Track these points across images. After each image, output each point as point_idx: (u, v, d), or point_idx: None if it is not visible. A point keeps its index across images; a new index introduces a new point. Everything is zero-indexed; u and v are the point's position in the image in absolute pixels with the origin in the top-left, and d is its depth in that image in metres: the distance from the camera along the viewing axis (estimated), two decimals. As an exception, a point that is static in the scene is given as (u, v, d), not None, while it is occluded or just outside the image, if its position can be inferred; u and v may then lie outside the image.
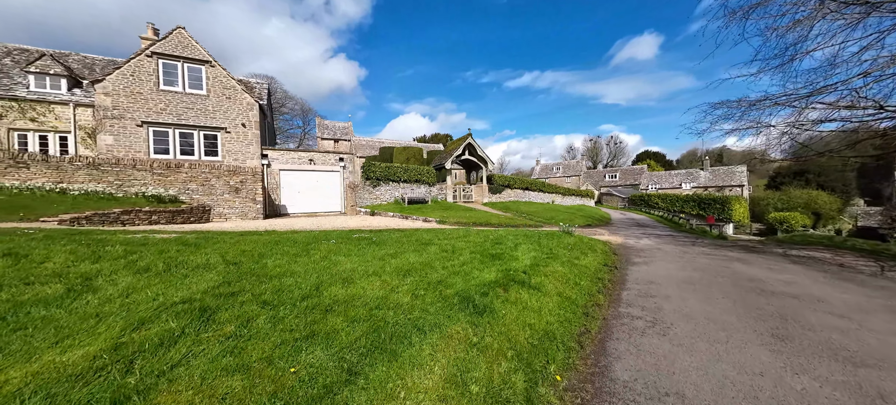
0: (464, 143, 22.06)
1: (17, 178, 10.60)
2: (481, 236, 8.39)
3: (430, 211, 16.60)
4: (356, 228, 11.14)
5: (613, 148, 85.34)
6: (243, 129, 15.71)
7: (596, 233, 13.68)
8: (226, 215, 13.62)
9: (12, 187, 10.29)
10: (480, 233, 9.38)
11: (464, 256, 5.91)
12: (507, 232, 9.92)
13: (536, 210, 22.08)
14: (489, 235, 8.73)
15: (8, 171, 10.53)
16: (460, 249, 6.49)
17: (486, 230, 11.21)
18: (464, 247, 6.76)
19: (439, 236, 8.13)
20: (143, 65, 13.88)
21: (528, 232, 10.50)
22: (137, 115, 13.78)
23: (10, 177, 10.52)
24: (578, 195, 39.29)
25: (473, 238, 7.90)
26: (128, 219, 10.53)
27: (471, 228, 12.13)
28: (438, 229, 11.10)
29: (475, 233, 9.25)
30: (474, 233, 8.95)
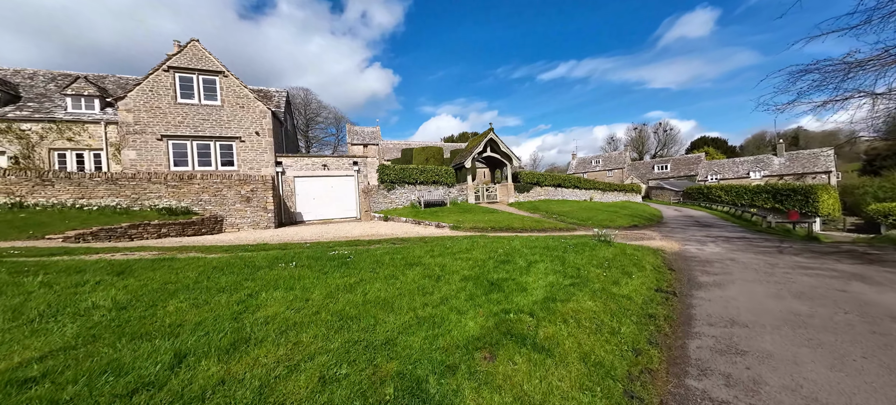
0: (484, 139, 20.32)
1: (43, 196, 11.00)
2: (488, 249, 6.80)
3: (447, 215, 15.19)
4: (356, 238, 10.06)
5: (662, 136, 77.59)
6: (257, 137, 15.52)
7: (644, 238, 11.36)
8: (238, 225, 13.36)
9: (36, 204, 10.67)
10: (491, 243, 7.77)
11: (450, 285, 4.40)
12: (525, 241, 8.18)
13: (570, 209, 19.70)
14: (499, 247, 7.10)
15: (35, 190, 10.96)
16: (451, 273, 4.99)
17: (501, 238, 9.54)
18: (458, 268, 5.24)
19: (436, 250, 6.67)
20: (161, 79, 14.13)
21: (554, 240, 8.66)
22: (157, 129, 14.04)
23: (37, 194, 10.94)
24: (622, 190, 35.51)
25: (477, 253, 6.34)
26: (136, 233, 10.43)
27: (485, 235, 10.50)
28: (446, 237, 9.65)
29: (484, 243, 7.66)
30: (482, 245, 7.36)
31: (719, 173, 47.97)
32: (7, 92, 14.42)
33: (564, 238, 9.25)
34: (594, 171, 65.54)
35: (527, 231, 12.78)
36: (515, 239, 9.11)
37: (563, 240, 8.65)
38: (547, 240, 8.50)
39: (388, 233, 11.36)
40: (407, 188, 17.76)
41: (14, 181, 10.77)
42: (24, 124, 13.98)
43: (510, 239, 8.98)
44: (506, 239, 8.85)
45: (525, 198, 22.71)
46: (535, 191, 23.54)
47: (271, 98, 19.68)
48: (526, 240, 8.49)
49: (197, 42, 14.76)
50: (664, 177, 55.09)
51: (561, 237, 9.93)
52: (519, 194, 22.32)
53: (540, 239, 8.80)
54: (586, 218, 16.85)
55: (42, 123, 14.23)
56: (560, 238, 9.15)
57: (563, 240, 8.61)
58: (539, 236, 10.76)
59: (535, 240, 8.27)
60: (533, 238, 9.32)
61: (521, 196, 22.47)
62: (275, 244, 8.97)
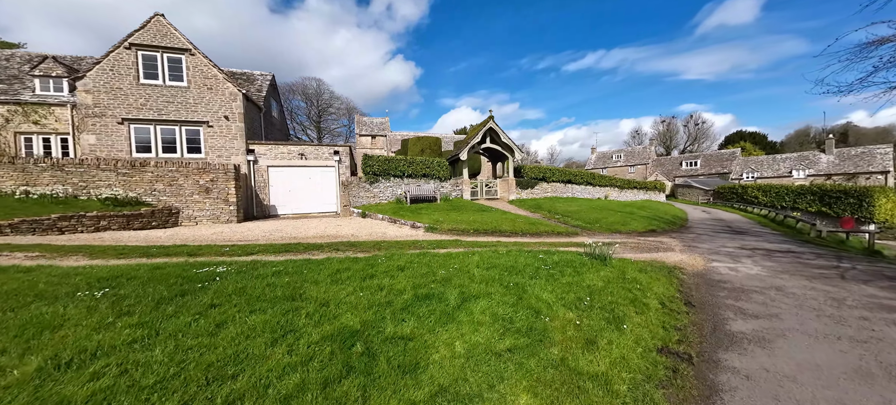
0: (483, 129, 18.24)
1: (-19, 182, 10.11)
2: (428, 269, 5.00)
3: (432, 212, 13.41)
4: (307, 240, 8.44)
5: (693, 130, 72.12)
6: (226, 122, 14.24)
7: (659, 249, 9.21)
8: (196, 218, 12.15)
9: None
10: (444, 260, 5.94)
11: (293, 355, 2.66)
12: (490, 256, 6.29)
13: (578, 209, 17.44)
14: (448, 265, 5.28)
15: (-28, 175, 10.07)
16: (325, 320, 3.24)
17: (472, 247, 7.70)
18: (341, 312, 3.46)
19: (353, 272, 4.93)
20: (122, 58, 13.02)
21: (532, 255, 6.72)
22: (118, 112, 13.00)
23: (-27, 181, 10.05)
24: (643, 188, 32.45)
25: (402, 279, 4.55)
26: (67, 226, 9.32)
27: (459, 240, 8.63)
28: (406, 242, 7.85)
29: (431, 261, 5.84)
30: (425, 263, 5.56)
31: (757, 171, 43.48)
32: (-29, 72, 13.83)
33: (551, 252, 7.28)
34: (614, 167, 61.72)
35: (515, 236, 10.84)
36: (485, 249, 7.24)
37: (547, 255, 6.68)
38: (524, 255, 6.56)
39: (348, 235, 9.74)
40: (392, 182, 16.09)
41: (-51, 165, 9.92)
42: (-14, 106, 13.35)
43: (476, 251, 7.11)
44: (470, 252, 6.98)
45: (529, 194, 20.56)
46: (541, 187, 21.31)
47: (253, 81, 18.43)
48: (494, 253, 6.59)
49: (161, 16, 13.54)
50: (693, 174, 50.81)
51: (549, 250, 7.97)
52: (521, 191, 20.19)
53: (515, 253, 6.87)
54: (595, 220, 14.63)
55: (7, 105, 13.53)
56: (544, 252, 7.18)
57: (545, 255, 6.64)
58: (524, 244, 8.83)
59: (506, 255, 6.35)
60: (509, 249, 7.40)
61: (524, 193, 20.33)
62: (193, 245, 7.52)
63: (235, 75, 18.38)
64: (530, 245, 8.89)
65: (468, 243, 8.75)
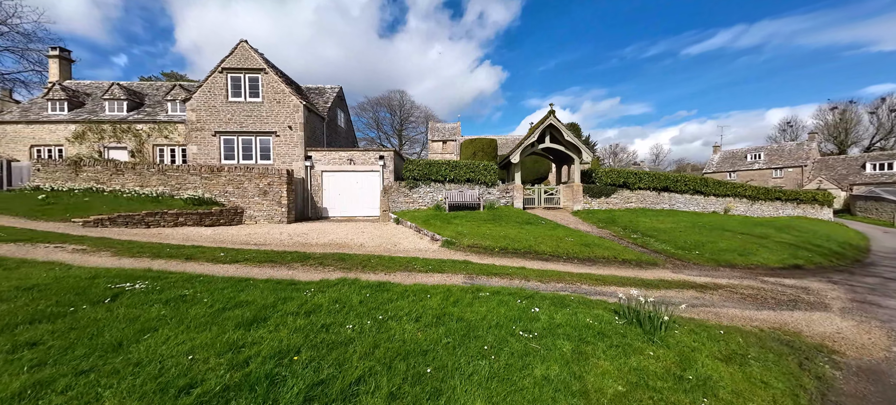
0: (541, 127, 15.58)
1: (118, 183, 13.19)
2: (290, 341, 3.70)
3: (465, 222, 11.85)
4: (302, 248, 8.08)
5: (888, 119, 51.01)
6: (290, 131, 15.62)
7: (798, 304, 6.02)
8: (255, 218, 13.49)
9: (111, 190, 12.80)
10: (411, 305, 4.52)
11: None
12: (482, 308, 4.54)
13: (672, 227, 13.29)
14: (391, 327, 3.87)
15: (112, 178, 13.24)
16: None
17: (445, 284, 6.01)
18: None
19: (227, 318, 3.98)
20: (217, 80, 15.56)
21: (542, 300, 4.71)
22: (212, 126, 15.57)
23: (113, 182, 13.19)
24: (793, 199, 23.78)
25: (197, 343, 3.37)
26: (152, 221, 11.28)
27: (469, 262, 6.91)
28: (400, 259, 6.57)
29: (374, 308, 4.49)
30: (365, 313, 4.25)
31: None
32: (133, 100, 18.64)
33: (572, 302, 5.08)
34: (749, 170, 48.06)
35: (553, 261, 8.49)
36: (470, 286, 5.49)
37: (557, 307, 4.54)
38: (514, 304, 4.60)
39: (356, 245, 9.11)
40: (433, 187, 15.13)
41: (99, 170, 13.24)
42: (138, 125, 17.76)
43: (452, 290, 5.44)
44: (446, 290, 5.35)
45: (603, 204, 16.88)
46: (622, 195, 17.28)
47: (323, 94, 20.07)
48: (473, 297, 4.80)
49: (245, 42, 15.70)
50: (886, 181, 35.46)
51: (576, 298, 5.72)
52: (592, 199, 16.70)
53: (508, 299, 4.93)
54: (693, 244, 10.77)
55: (149, 124, 17.76)
56: (562, 300, 5.02)
57: (554, 308, 4.52)
58: (554, 275, 6.65)
59: (479, 303, 4.50)
60: (506, 290, 5.45)
61: (595, 202, 16.78)
62: (229, 247, 7.86)
63: (310, 90, 20.37)
64: (565, 278, 6.64)
65: (476, 267, 7.03)
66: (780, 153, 47.29)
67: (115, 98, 18.23)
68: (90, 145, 17.67)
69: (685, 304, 5.51)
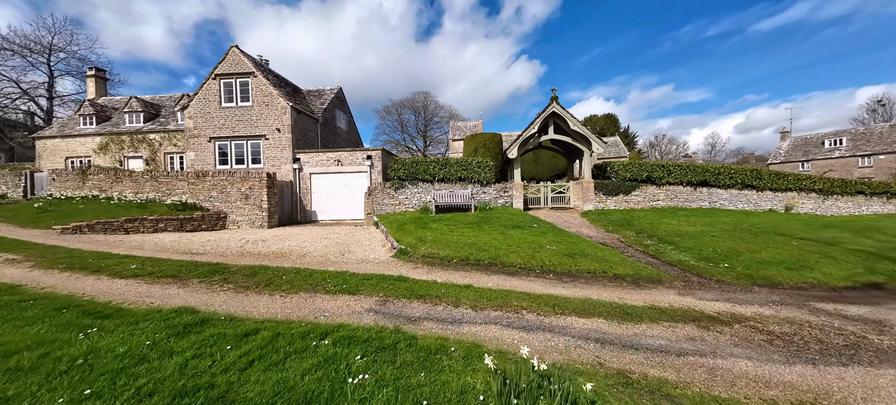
0: (542, 116, 13.55)
1: (116, 190, 13.72)
2: None
3: (445, 226, 10.48)
4: (240, 262, 7.30)
5: None
6: (278, 133, 15.35)
7: (862, 346, 3.84)
8: (238, 223, 13.28)
9: (109, 197, 13.33)
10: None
11: None
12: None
13: (702, 230, 10.81)
14: None
15: (112, 186, 13.80)
16: None
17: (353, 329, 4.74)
18: None
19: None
20: (211, 87, 15.77)
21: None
22: (208, 132, 15.80)
23: (113, 189, 13.75)
24: (883, 193, 19.11)
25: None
26: (132, 228, 11.38)
27: (396, 286, 5.53)
28: (330, 271, 5.44)
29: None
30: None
31: None
32: (149, 111, 19.74)
33: (476, 351, 3.64)
34: (828, 159, 40.79)
35: (525, 275, 6.90)
36: (330, 337, 4.21)
37: (437, 374, 3.12)
38: (404, 350, 3.23)
39: (305, 253, 8.20)
40: (421, 187, 13.91)
41: (102, 178, 13.87)
42: (151, 135, 18.72)
43: (323, 335, 4.19)
44: (314, 332, 4.13)
45: (621, 203, 14.49)
46: (646, 192, 14.72)
47: (321, 95, 19.78)
48: (328, 351, 3.53)
49: (236, 47, 15.74)
50: None
51: (486, 344, 4.24)
52: (607, 198, 14.38)
53: (400, 338, 3.59)
54: (725, 254, 8.49)
55: (161, 133, 18.65)
56: (468, 348, 3.61)
57: (440, 372, 3.10)
58: (495, 300, 5.19)
59: (336, 367, 3.21)
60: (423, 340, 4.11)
61: (611, 200, 14.43)
62: (161, 257, 7.38)
63: (310, 92, 20.20)
64: (512, 303, 5.13)
65: (406, 287, 5.73)
66: (867, 137, 39.36)
67: (133, 110, 19.45)
68: (112, 155, 19.01)
69: (670, 352, 3.78)
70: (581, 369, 3.38)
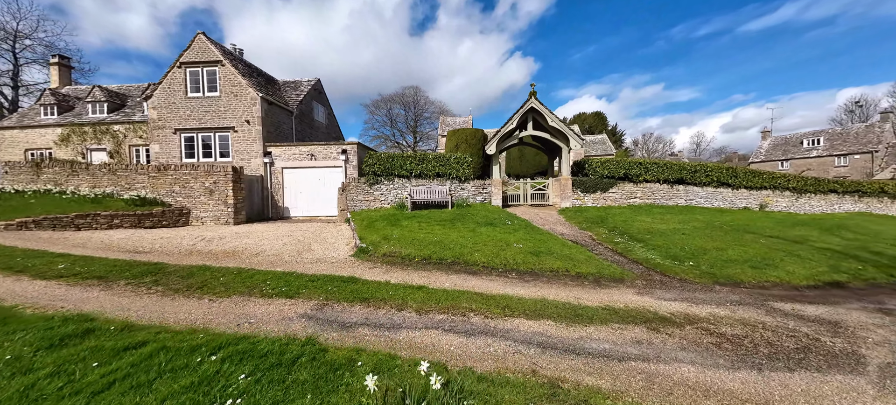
0: (521, 112, 13.31)
1: (73, 184, 12.95)
2: None
3: (417, 223, 10.17)
4: (184, 262, 6.85)
5: None
6: (247, 125, 14.74)
7: (813, 350, 3.63)
8: (202, 219, 12.71)
9: (63, 192, 12.56)
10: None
11: None
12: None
13: (674, 228, 10.75)
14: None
15: (69, 179, 13.02)
16: None
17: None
18: None
19: None
20: (176, 76, 15.01)
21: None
22: (173, 124, 15.07)
23: (70, 183, 12.97)
24: (855, 192, 19.58)
25: None
26: (83, 224, 10.72)
27: (341, 288, 5.22)
28: (282, 272, 5.07)
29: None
30: None
31: None
32: (114, 101, 18.79)
33: (331, 369, 3.34)
34: (806, 158, 41.80)
35: (486, 274, 6.66)
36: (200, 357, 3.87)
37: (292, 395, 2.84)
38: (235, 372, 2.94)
39: (259, 252, 7.80)
40: (397, 183, 13.53)
41: (57, 171, 13.08)
42: (115, 126, 17.82)
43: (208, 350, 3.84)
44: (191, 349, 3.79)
45: (598, 200, 14.40)
46: (623, 189, 14.66)
47: (298, 87, 19.12)
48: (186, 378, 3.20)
49: (202, 34, 15.00)
50: None
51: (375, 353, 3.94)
52: (585, 195, 14.27)
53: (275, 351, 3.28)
54: (692, 252, 8.40)
55: (126, 125, 17.76)
56: (325, 369, 3.31)
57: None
58: (443, 302, 4.93)
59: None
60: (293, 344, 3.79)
61: (589, 197, 14.33)
62: (97, 256, 6.87)
63: (287, 83, 19.52)
64: (461, 305, 4.88)
65: (352, 290, 5.41)
66: (843, 137, 40.44)
67: (97, 100, 18.47)
68: (75, 147, 18.04)
69: (612, 357, 3.56)
70: (511, 378, 3.13)
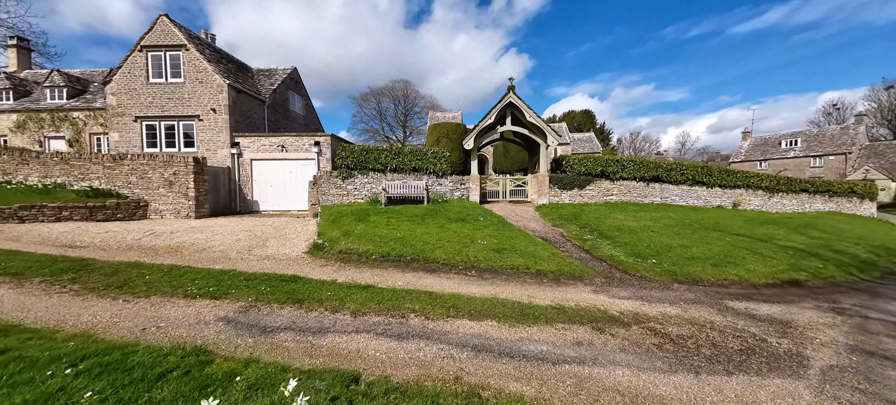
0: (499, 107, 13.06)
1: (22, 174, 12.13)
2: None
3: (386, 218, 9.84)
4: (115, 258, 6.36)
5: (959, 96, 43.81)
6: (214, 114, 14.07)
7: (754, 353, 3.46)
8: (161, 212, 12.08)
9: (8, 182, 11.76)
10: None
11: None
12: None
13: (645, 226, 10.70)
14: None
15: (18, 168, 12.18)
16: None
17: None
18: None
19: None
20: (137, 60, 14.20)
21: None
22: (133, 111, 14.29)
23: (19, 172, 12.13)
24: (825, 191, 20.04)
25: None
26: (28, 216, 10.01)
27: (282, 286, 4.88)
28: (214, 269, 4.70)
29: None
30: None
31: None
32: (74, 86, 17.76)
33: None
34: (784, 159, 42.85)
35: (444, 272, 6.42)
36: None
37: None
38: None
39: (206, 248, 7.37)
40: (371, 176, 13.14)
41: (6, 160, 12.22)
42: (75, 113, 16.85)
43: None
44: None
45: (575, 197, 14.31)
46: (600, 186, 14.59)
47: (271, 75, 18.41)
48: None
49: (165, 16, 14.20)
50: (952, 169, 30.09)
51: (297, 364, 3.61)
52: (562, 191, 14.15)
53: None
54: (658, 249, 8.32)
55: (86, 111, 16.80)
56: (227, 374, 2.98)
57: None
58: (386, 302, 4.65)
59: None
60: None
61: (566, 194, 14.22)
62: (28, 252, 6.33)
63: (260, 71, 18.77)
64: (403, 305, 4.61)
65: (289, 290, 5.09)
66: (819, 139, 41.57)
67: (55, 85, 17.41)
68: (31, 135, 17.00)
69: (547, 360, 3.33)
70: (427, 388, 2.86)
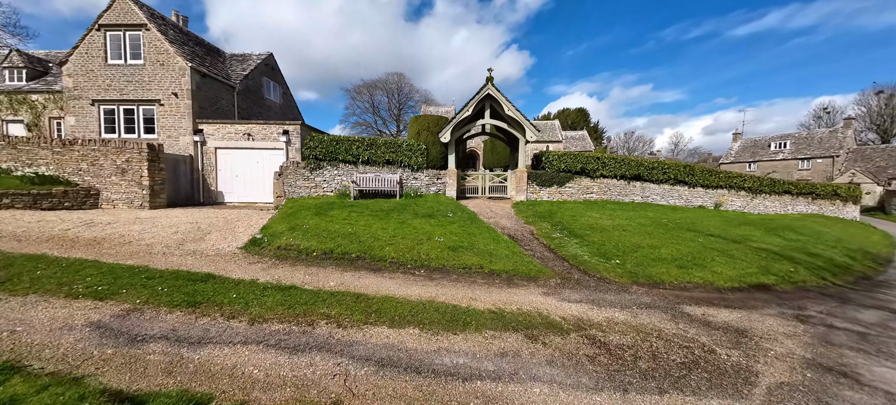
0: (478, 99, 12.48)
1: (-38, 158, 11.36)
2: None
3: (346, 213, 9.30)
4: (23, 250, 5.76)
5: (945, 102, 44.19)
6: (175, 99, 13.34)
7: (703, 368, 2.92)
8: (113, 201, 11.40)
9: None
10: None
11: None
12: None
13: (618, 225, 10.30)
14: None
15: (-42, 152, 11.40)
16: None
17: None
18: None
19: None
20: (95, 40, 13.40)
21: None
22: (90, 94, 13.51)
23: (-42, 156, 11.36)
24: (808, 193, 19.89)
25: None
26: (-41, 202, 9.38)
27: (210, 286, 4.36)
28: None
29: None
30: None
31: None
32: (35, 68, 16.85)
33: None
34: (773, 160, 42.91)
35: (390, 272, 5.94)
36: None
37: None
38: None
39: (134, 240, 6.79)
40: (342, 169, 12.56)
41: (-56, 142, 11.42)
42: (33, 95, 15.98)
43: None
44: None
45: (554, 194, 13.88)
46: (580, 184, 14.18)
47: (245, 60, 17.63)
48: None
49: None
50: (935, 174, 30.24)
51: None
52: (541, 188, 13.71)
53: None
54: (625, 249, 7.90)
55: (45, 94, 15.95)
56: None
57: None
58: (297, 308, 4.15)
59: None
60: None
61: (545, 191, 13.78)
62: None
63: (234, 56, 17.99)
64: (315, 311, 4.11)
65: (191, 290, 4.57)
66: (808, 142, 41.66)
67: (14, 66, 16.48)
68: (-13, 118, 16.11)
69: (458, 375, 2.86)
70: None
